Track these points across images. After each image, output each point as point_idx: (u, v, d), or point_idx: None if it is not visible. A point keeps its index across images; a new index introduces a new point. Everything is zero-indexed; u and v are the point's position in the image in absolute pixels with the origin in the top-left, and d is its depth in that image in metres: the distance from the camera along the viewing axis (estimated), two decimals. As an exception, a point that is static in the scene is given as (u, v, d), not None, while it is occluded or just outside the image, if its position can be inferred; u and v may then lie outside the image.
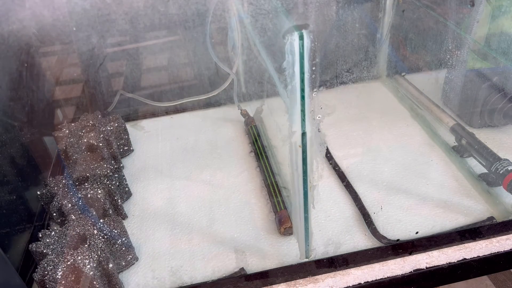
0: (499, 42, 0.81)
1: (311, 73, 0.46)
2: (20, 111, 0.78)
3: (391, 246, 0.62)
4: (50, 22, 0.61)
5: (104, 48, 0.80)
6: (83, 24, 0.64)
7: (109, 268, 0.58)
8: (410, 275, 0.60)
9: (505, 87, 0.81)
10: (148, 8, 0.78)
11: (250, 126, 0.90)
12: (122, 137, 0.85)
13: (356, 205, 0.72)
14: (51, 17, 0.60)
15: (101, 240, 0.59)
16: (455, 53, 0.87)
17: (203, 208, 0.74)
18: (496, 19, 0.81)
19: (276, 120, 0.80)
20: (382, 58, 1.04)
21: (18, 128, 0.77)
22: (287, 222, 0.67)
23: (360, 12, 0.97)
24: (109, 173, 0.71)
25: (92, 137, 0.76)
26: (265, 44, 0.69)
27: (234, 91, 0.93)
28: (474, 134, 0.81)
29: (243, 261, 0.64)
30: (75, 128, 0.80)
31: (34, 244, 0.59)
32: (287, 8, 0.56)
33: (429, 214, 0.69)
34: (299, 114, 0.48)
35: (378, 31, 1.00)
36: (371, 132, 0.90)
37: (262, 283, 0.58)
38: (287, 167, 0.58)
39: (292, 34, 0.43)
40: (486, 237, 0.62)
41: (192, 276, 0.63)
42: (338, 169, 0.80)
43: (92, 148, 0.76)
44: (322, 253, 0.63)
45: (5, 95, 0.74)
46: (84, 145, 0.75)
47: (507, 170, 0.70)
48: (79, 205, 0.65)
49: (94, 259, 0.56)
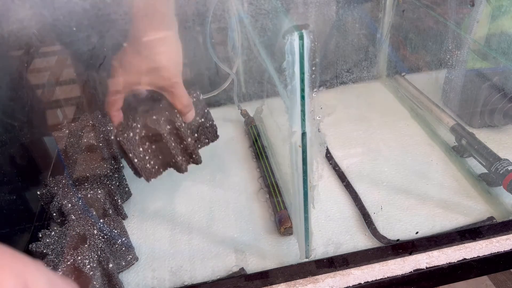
0: (499, 42, 0.81)
1: (311, 73, 0.46)
2: (20, 111, 0.78)
3: (391, 246, 0.62)
4: (50, 22, 0.61)
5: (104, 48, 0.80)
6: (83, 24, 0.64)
7: (109, 268, 0.58)
8: (410, 275, 0.60)
9: (505, 87, 0.81)
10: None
11: (250, 126, 0.90)
12: (122, 137, 0.85)
13: (356, 205, 0.72)
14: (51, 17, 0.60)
15: (101, 240, 0.59)
16: (455, 53, 0.87)
17: (203, 208, 0.74)
18: (496, 19, 0.81)
19: (276, 120, 0.80)
20: (382, 58, 1.04)
21: (18, 128, 0.77)
22: (287, 222, 0.67)
23: (360, 12, 0.97)
24: (109, 173, 0.71)
25: (92, 137, 0.76)
26: (265, 44, 0.69)
27: (234, 91, 0.93)
28: (474, 134, 0.81)
29: (243, 261, 0.64)
30: (75, 128, 0.80)
31: (34, 244, 0.59)
32: (287, 8, 0.56)
33: (429, 214, 0.69)
34: (299, 114, 0.48)
35: (378, 31, 1.00)
36: (371, 132, 0.90)
37: (262, 283, 0.58)
38: (287, 167, 0.58)
39: (292, 34, 0.43)
40: (486, 237, 0.62)
41: (192, 276, 0.63)
42: (338, 169, 0.80)
43: (92, 148, 0.76)
44: (322, 253, 0.63)
45: (5, 95, 0.74)
46: (84, 145, 0.75)
47: (507, 170, 0.70)
48: (79, 205, 0.65)
49: (94, 259, 0.56)
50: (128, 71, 0.56)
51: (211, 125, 0.62)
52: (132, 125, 0.57)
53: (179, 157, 0.57)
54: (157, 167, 0.58)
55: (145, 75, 0.56)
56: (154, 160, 0.57)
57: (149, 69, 0.55)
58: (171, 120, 0.57)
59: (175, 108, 0.59)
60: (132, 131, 0.56)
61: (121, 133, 0.56)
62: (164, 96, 0.59)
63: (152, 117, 0.57)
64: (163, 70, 0.56)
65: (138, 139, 0.56)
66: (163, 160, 0.59)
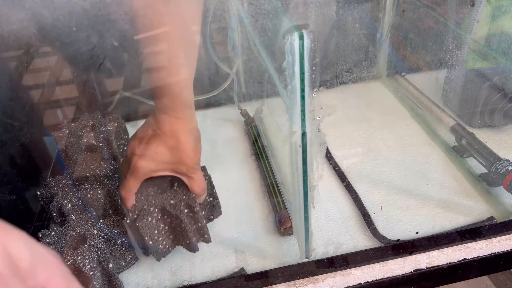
0: (499, 42, 0.81)
1: (311, 73, 0.46)
2: (20, 111, 0.78)
3: (391, 246, 0.62)
4: (50, 22, 0.61)
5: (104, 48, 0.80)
6: (83, 24, 0.64)
7: (109, 268, 0.58)
8: (410, 275, 0.60)
9: (505, 87, 0.81)
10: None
11: (250, 126, 0.90)
12: (122, 137, 0.85)
13: (356, 205, 0.72)
14: (51, 17, 0.60)
15: (101, 240, 0.59)
16: (455, 53, 0.87)
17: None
18: (496, 19, 0.81)
19: (276, 120, 0.80)
20: (382, 58, 1.04)
21: (18, 128, 0.77)
22: (287, 222, 0.67)
23: (360, 12, 0.97)
24: (109, 173, 0.71)
25: (92, 137, 0.76)
26: (265, 44, 0.69)
27: (234, 91, 0.93)
28: (474, 134, 0.81)
29: (243, 261, 0.64)
30: (75, 128, 0.79)
31: (34, 244, 0.59)
32: (287, 8, 0.56)
33: (429, 214, 0.69)
34: (299, 114, 0.48)
35: (378, 31, 1.00)
36: (371, 132, 0.90)
37: (262, 283, 0.58)
38: (287, 167, 0.58)
39: (292, 34, 0.43)
40: (486, 237, 0.62)
41: (192, 276, 0.63)
42: (338, 169, 0.80)
43: (92, 148, 0.76)
44: (322, 253, 0.63)
45: (5, 95, 0.74)
46: (84, 145, 0.75)
47: (507, 170, 0.70)
48: (79, 205, 0.64)
49: (94, 259, 0.56)
50: (153, 160, 0.58)
51: (217, 202, 0.65)
52: (149, 209, 0.58)
53: (193, 238, 0.59)
54: (167, 247, 0.60)
55: (168, 164, 0.58)
56: (166, 240, 0.60)
57: (174, 159, 0.58)
58: (189, 204, 0.59)
59: (191, 191, 0.60)
60: (150, 215, 0.58)
61: (140, 219, 0.57)
62: (180, 179, 0.61)
63: (170, 201, 0.59)
64: (187, 159, 0.58)
65: (155, 223, 0.58)
66: (174, 240, 0.61)
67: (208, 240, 0.61)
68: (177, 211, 0.58)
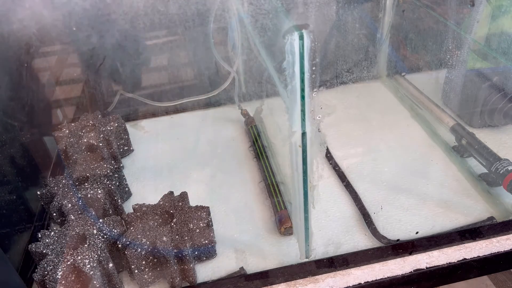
0: (499, 42, 0.81)
1: (311, 73, 0.46)
2: (20, 111, 0.78)
3: (391, 246, 0.62)
4: (50, 22, 0.61)
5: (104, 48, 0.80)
6: (83, 24, 0.64)
7: (109, 268, 0.58)
8: (410, 275, 0.60)
9: (505, 87, 0.81)
10: (148, 8, 0.78)
11: (250, 126, 0.90)
12: (122, 137, 0.85)
13: (356, 205, 0.72)
14: (51, 17, 0.60)
15: (101, 240, 0.59)
16: (455, 53, 0.87)
17: (203, 208, 0.74)
18: (496, 19, 0.81)
19: (276, 120, 0.80)
20: (382, 58, 1.04)
21: (18, 128, 0.77)
22: (287, 222, 0.67)
23: (360, 12, 0.97)
24: (109, 173, 0.71)
25: (92, 137, 0.76)
26: (265, 44, 0.69)
27: (235, 91, 0.93)
28: (474, 134, 0.81)
29: (243, 261, 0.64)
30: (75, 128, 0.80)
31: (34, 245, 0.59)
32: (287, 8, 0.56)
33: (429, 214, 0.69)
34: (299, 114, 0.48)
35: (378, 31, 1.00)
36: (371, 132, 0.90)
37: (262, 283, 0.58)
38: (287, 167, 0.58)
39: (292, 34, 0.43)
40: (486, 237, 0.62)
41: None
42: (338, 169, 0.80)
43: (92, 148, 0.76)
44: (322, 253, 0.63)
45: (5, 95, 0.74)
46: (84, 145, 0.75)
47: (507, 170, 0.70)
48: (79, 205, 0.65)
49: (94, 259, 0.56)
50: None
51: (212, 246, 0.65)
52: (141, 240, 0.59)
53: (177, 278, 0.60)
54: (153, 278, 0.62)
55: None
56: (152, 272, 0.61)
57: None
58: (178, 246, 0.60)
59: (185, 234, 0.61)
60: (140, 246, 0.59)
61: (129, 249, 0.58)
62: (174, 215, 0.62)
63: (163, 238, 0.59)
64: None
65: (144, 254, 0.59)
66: (160, 273, 0.62)
67: (193, 283, 0.61)
68: (166, 247, 0.59)
